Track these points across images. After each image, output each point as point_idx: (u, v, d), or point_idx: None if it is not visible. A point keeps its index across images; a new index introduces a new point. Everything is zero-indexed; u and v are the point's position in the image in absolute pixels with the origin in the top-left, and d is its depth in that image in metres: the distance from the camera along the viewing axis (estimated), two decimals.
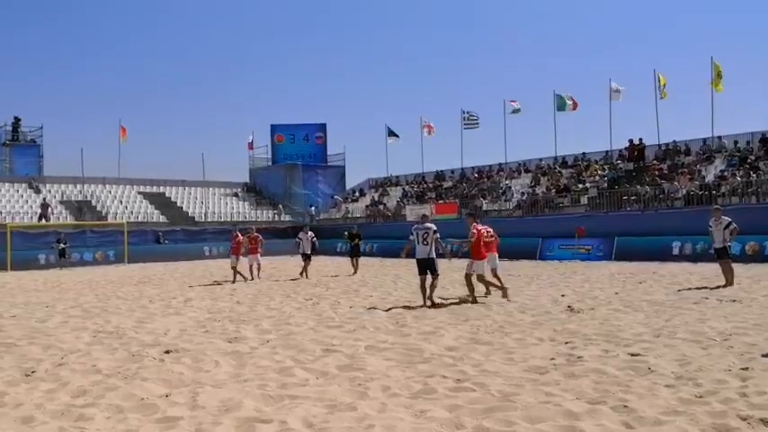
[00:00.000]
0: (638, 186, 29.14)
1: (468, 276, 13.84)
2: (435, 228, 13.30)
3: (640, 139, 33.10)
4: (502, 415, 5.67)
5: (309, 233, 22.74)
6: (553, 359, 7.81)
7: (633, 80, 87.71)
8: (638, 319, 10.79)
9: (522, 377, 6.99)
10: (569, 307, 12.32)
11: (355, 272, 22.35)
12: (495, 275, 14.65)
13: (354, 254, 23.19)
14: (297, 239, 23.04)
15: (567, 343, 8.81)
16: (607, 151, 35.84)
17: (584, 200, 31.19)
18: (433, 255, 13.25)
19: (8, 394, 6.86)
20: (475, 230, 13.84)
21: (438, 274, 13.47)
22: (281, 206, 46.15)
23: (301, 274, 21.88)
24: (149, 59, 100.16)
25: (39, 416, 6.05)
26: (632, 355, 7.90)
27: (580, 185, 32.69)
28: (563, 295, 14.46)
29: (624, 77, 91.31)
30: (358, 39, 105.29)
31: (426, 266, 13.22)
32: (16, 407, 6.38)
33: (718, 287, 15.04)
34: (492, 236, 14.89)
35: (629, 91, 36.36)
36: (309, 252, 22.28)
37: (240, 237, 21.35)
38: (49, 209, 36.15)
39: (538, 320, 10.89)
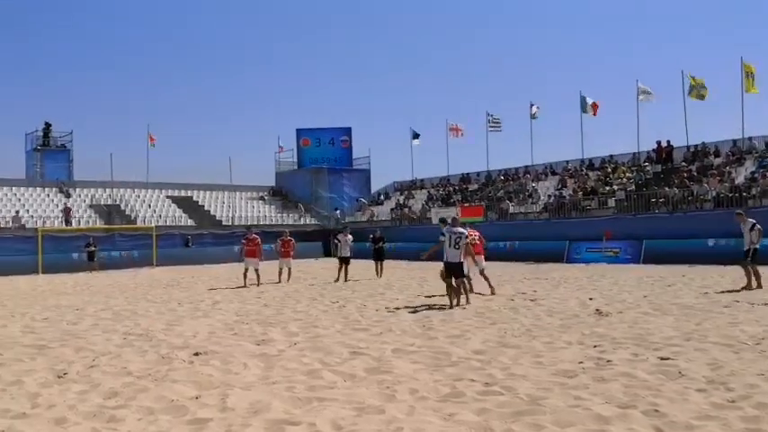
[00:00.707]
0: (667, 188, 28.82)
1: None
2: (467, 233, 13.39)
3: (668, 141, 32.77)
4: (531, 419, 5.65)
5: (349, 236, 22.40)
6: (582, 363, 7.76)
7: (661, 82, 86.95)
8: (668, 322, 10.68)
9: (550, 381, 6.95)
10: (597, 310, 12.23)
11: (380, 275, 22.29)
12: (484, 276, 15.47)
13: (378, 257, 23.09)
14: (335, 241, 22.77)
15: (595, 346, 8.75)
16: (634, 153, 35.51)
17: (611, 202, 30.93)
18: (463, 260, 13.38)
19: (41, 395, 6.97)
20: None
21: (464, 278, 13.58)
22: (301, 206, 46.33)
23: (339, 278, 21.43)
24: (177, 65, 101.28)
25: (71, 417, 6.15)
26: (662, 358, 7.82)
27: (607, 188, 32.42)
28: (591, 298, 14.35)
29: (651, 79, 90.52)
30: (383, 42, 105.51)
31: (456, 271, 13.29)
32: (49, 408, 6.49)
33: (741, 289, 14.85)
34: (479, 239, 15.59)
35: (656, 92, 35.98)
36: (349, 255, 21.93)
37: (255, 239, 21.13)
38: (71, 213, 36.64)
39: (566, 324, 10.82)
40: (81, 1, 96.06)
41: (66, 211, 36.51)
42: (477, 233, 15.92)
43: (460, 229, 13.49)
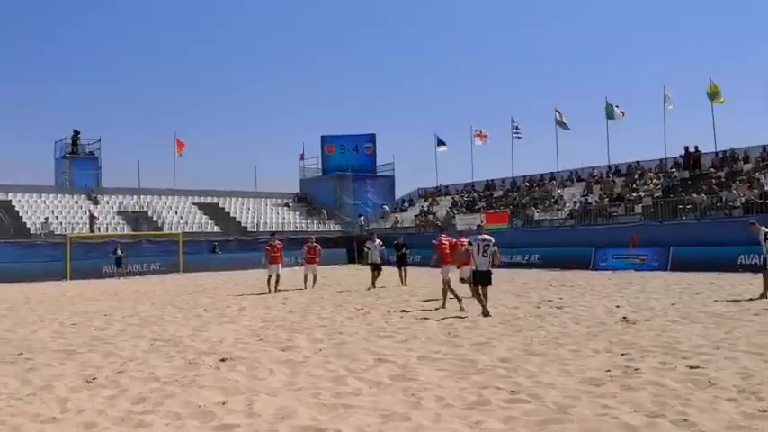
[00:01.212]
0: (695, 195, 28.48)
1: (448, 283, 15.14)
2: (494, 240, 13.37)
3: (696, 147, 32.40)
4: (558, 427, 5.62)
5: (377, 241, 22.19)
6: (609, 371, 7.69)
7: (688, 87, 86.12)
8: (697, 330, 10.54)
9: (577, 389, 6.90)
10: (625, 318, 12.11)
11: (404, 282, 22.21)
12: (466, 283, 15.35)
13: (402, 264, 22.88)
14: (365, 249, 22.60)
15: (623, 354, 8.66)
16: (661, 159, 35.18)
17: (638, 209, 30.64)
18: (490, 268, 13.31)
19: (71, 400, 7.06)
20: (438, 240, 15.76)
21: (491, 285, 13.50)
22: (324, 212, 46.48)
23: (373, 284, 21.22)
24: (203, 73, 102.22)
25: (100, 422, 6.22)
26: (691, 367, 7.72)
27: (634, 194, 32.13)
28: (618, 306, 14.21)
29: (679, 85, 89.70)
30: (407, 48, 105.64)
31: (485, 278, 13.24)
32: (79, 413, 6.57)
33: (750, 299, 14.60)
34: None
35: (684, 98, 35.73)
36: (379, 261, 21.76)
37: (279, 245, 21.23)
38: (96, 219, 37.08)
39: (593, 331, 10.73)
40: (110, 10, 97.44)
41: (91, 218, 36.95)
42: (465, 241, 15.61)
43: (487, 236, 13.46)
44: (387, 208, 46.58)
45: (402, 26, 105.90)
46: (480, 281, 13.22)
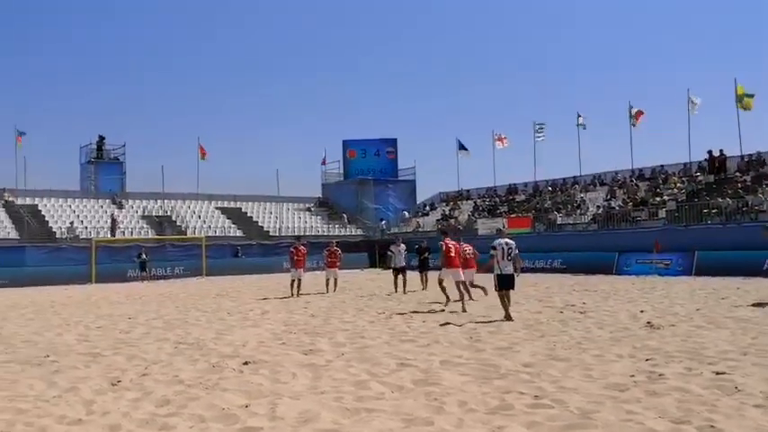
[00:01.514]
0: (720, 199, 28.17)
1: (440, 282, 16.29)
2: (515, 244, 13.37)
3: (720, 151, 32.05)
4: None
5: (402, 245, 21.85)
6: (633, 376, 7.62)
7: (713, 91, 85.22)
8: (723, 336, 10.41)
9: (601, 394, 6.84)
10: (649, 323, 12.00)
11: (425, 286, 21.88)
12: (468, 287, 16.27)
13: (423, 268, 22.64)
14: (389, 252, 22.47)
15: (647, 360, 8.58)
16: (686, 163, 34.84)
17: (661, 213, 30.36)
18: (514, 271, 13.33)
19: (96, 402, 7.13)
20: (444, 244, 16.18)
21: (513, 289, 13.51)
22: (345, 217, 46.58)
23: (396, 289, 20.95)
24: (226, 79, 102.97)
25: (125, 424, 6.28)
26: (717, 373, 7.63)
27: (658, 198, 31.84)
28: (642, 311, 14.08)
29: (703, 88, 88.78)
30: (429, 53, 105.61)
31: (509, 282, 13.22)
32: (104, 415, 6.63)
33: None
34: (473, 253, 17.07)
35: (709, 102, 35.32)
36: (403, 265, 21.41)
37: (303, 249, 21.27)
38: (117, 223, 37.44)
39: (616, 336, 10.65)
40: (135, 17, 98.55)
41: (113, 222, 37.32)
42: (470, 247, 17.25)
43: (509, 240, 13.44)
44: (407, 213, 46.57)
45: (424, 32, 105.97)
46: (505, 284, 13.20)
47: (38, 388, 7.97)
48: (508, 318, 12.96)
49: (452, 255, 15.95)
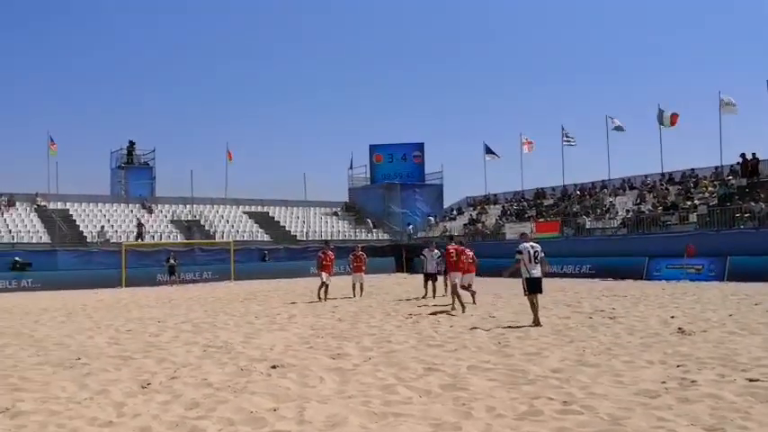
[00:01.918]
0: (752, 203, 27.68)
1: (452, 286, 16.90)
2: (540, 247, 13.30)
3: (753, 154, 31.51)
4: None
5: (435, 251, 21.19)
6: (664, 383, 7.52)
7: (744, 94, 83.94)
8: (756, 342, 10.23)
9: (632, 400, 6.76)
10: (680, 329, 11.84)
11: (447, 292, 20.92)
12: (467, 290, 17.31)
13: (447, 273, 22.03)
14: (421, 256, 22.23)
15: (678, 366, 8.46)
16: (717, 167, 34.33)
17: (692, 217, 29.93)
18: (542, 275, 13.30)
19: (126, 405, 7.21)
20: (452, 249, 16.99)
21: (541, 293, 13.41)
22: (369, 221, 46.61)
23: (426, 294, 20.65)
24: (254, 83, 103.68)
25: (155, 426, 6.34)
26: (751, 380, 7.50)
27: (688, 202, 31.41)
28: (673, 317, 13.90)
29: (735, 91, 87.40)
30: (455, 57, 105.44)
31: (537, 285, 13.12)
32: (134, 417, 6.70)
33: None
34: (472, 258, 17.85)
35: (740, 105, 34.71)
36: (434, 271, 20.81)
37: (332, 255, 21.25)
38: (144, 228, 37.81)
39: (647, 342, 10.52)
40: (165, 22, 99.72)
41: (139, 226, 37.72)
42: (471, 252, 17.94)
43: (535, 244, 13.38)
44: (431, 218, 46.41)
45: (451, 36, 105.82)
46: (533, 288, 13.09)
47: (70, 390, 8.08)
48: (536, 322, 12.88)
49: (454, 260, 16.76)
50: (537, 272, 13.06)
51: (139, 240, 36.39)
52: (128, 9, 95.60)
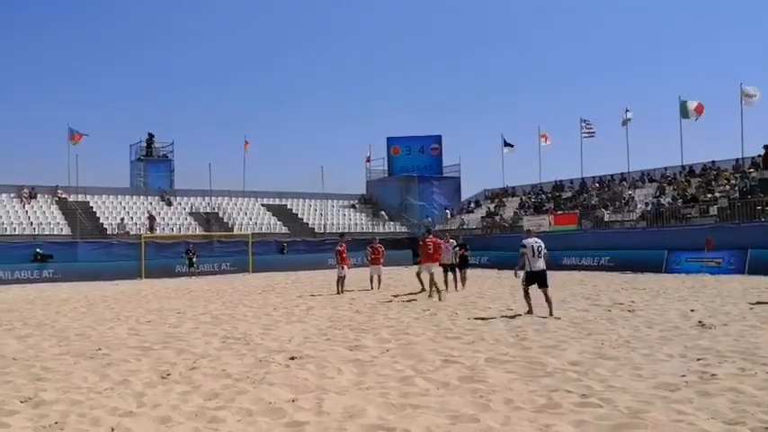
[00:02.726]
0: None
1: (418, 275, 19.25)
2: (543, 243, 13.82)
3: None
4: None
5: (452, 241, 20.86)
6: (684, 376, 7.47)
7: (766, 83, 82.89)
8: None
9: (651, 394, 6.72)
10: (700, 322, 11.75)
11: (463, 285, 20.84)
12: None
13: (462, 266, 21.25)
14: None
15: (698, 360, 8.40)
16: (738, 159, 33.95)
17: (713, 210, 29.63)
18: (545, 267, 13.68)
19: (146, 395, 7.28)
20: (424, 242, 18.69)
21: (549, 287, 13.71)
22: (384, 213, 46.62)
23: (447, 287, 19.94)
24: (272, 78, 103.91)
25: (175, 416, 6.39)
26: None
27: (709, 195, 31.10)
28: (692, 310, 13.79)
29: (756, 81, 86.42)
30: (474, 50, 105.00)
31: (540, 278, 13.52)
32: (154, 407, 6.76)
33: None
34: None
35: (762, 95, 34.22)
36: (450, 262, 20.29)
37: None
38: (155, 220, 38.02)
39: (666, 336, 10.45)
40: (183, 16, 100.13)
41: (151, 219, 37.94)
42: (448, 244, 19.88)
43: (539, 240, 13.85)
44: (448, 212, 46.29)
45: (469, 29, 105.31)
46: (535, 281, 13.55)
47: (91, 380, 8.16)
48: (530, 311, 13.53)
49: (431, 251, 18.37)
50: (539, 266, 13.49)
51: (150, 233, 36.53)
52: (148, 3, 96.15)
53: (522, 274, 13.73)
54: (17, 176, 62.19)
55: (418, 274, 19.30)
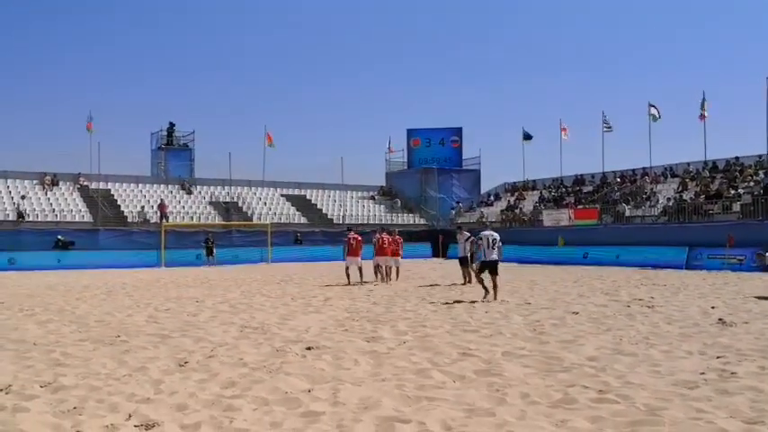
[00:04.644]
0: None
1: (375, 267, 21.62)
2: (498, 236, 15.69)
3: None
4: (648, 429, 5.43)
5: (466, 234, 20.28)
6: (703, 374, 7.38)
7: None
8: None
9: (669, 391, 6.65)
10: (721, 319, 11.62)
11: (468, 280, 19.87)
12: (389, 271, 21.50)
13: (473, 259, 19.92)
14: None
15: (718, 357, 8.30)
16: (761, 155, 33.52)
17: (736, 207, 29.29)
18: (497, 258, 15.44)
19: (164, 382, 7.32)
20: (378, 238, 21.50)
21: (498, 275, 15.59)
22: (398, 201, 46.57)
23: (465, 281, 19.88)
24: (292, 68, 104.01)
25: (191, 404, 6.41)
26: None
27: (732, 191, 30.73)
28: (713, 307, 13.65)
29: None
30: (495, 41, 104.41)
31: (492, 267, 15.31)
32: (171, 394, 6.79)
33: None
34: (393, 242, 21.84)
35: None
36: (465, 255, 19.72)
37: (358, 238, 21.25)
38: (166, 208, 38.19)
39: (686, 332, 10.34)
40: (202, 7, 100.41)
41: (162, 207, 38.12)
42: (400, 239, 22.74)
43: (494, 233, 15.67)
44: (460, 204, 46.00)
45: (491, 20, 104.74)
46: (488, 269, 15.33)
47: (109, 366, 8.22)
48: (486, 292, 15.31)
49: (385, 246, 20.99)
50: (493, 256, 15.26)
51: (162, 221, 36.66)
52: None
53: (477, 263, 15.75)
54: (40, 163, 62.97)
55: (347, 268, 20.89)
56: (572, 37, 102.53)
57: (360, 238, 21.35)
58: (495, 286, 15.35)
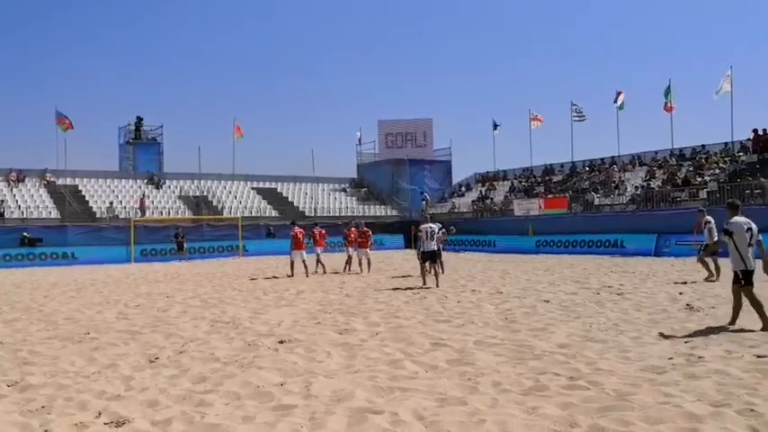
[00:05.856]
0: (763, 179, 27.48)
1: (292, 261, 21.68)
2: (439, 227, 17.26)
3: (765, 130, 31.19)
4: (618, 414, 5.50)
5: (428, 225, 20.32)
6: (671, 359, 7.50)
7: (758, 70, 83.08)
8: None
9: (638, 376, 6.75)
10: (688, 305, 11.80)
11: (442, 271, 18.63)
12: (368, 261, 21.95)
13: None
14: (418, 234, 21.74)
15: (686, 342, 8.44)
16: (727, 143, 34.03)
17: (702, 194, 29.74)
18: (436, 248, 16.75)
19: (134, 379, 7.25)
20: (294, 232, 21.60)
21: (441, 262, 17.30)
22: (363, 191, 46.60)
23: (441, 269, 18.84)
24: (262, 60, 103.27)
25: (163, 400, 6.37)
26: (759, 356, 7.47)
27: (698, 179, 31.19)
28: (681, 293, 13.86)
29: (748, 66, 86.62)
30: (465, 33, 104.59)
31: (432, 257, 16.62)
32: (142, 391, 6.74)
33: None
34: (325, 235, 23.15)
35: (752, 80, 34.32)
36: (422, 249, 17.96)
37: (301, 231, 21.75)
38: (145, 202, 37.95)
39: (654, 318, 10.49)
40: (171, 1, 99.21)
41: (142, 201, 37.82)
42: (369, 231, 22.75)
43: (433, 225, 16.93)
44: (427, 196, 45.94)
45: (460, 9, 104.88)
46: (428, 258, 16.60)
47: (78, 364, 8.13)
48: (424, 283, 16.26)
49: (300, 239, 21.31)
50: (431, 247, 16.45)
51: (142, 216, 36.36)
52: None
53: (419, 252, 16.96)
54: (5, 159, 61.89)
55: (292, 261, 21.41)
56: (538, 26, 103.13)
57: (323, 231, 23.16)
58: (435, 273, 16.63)
